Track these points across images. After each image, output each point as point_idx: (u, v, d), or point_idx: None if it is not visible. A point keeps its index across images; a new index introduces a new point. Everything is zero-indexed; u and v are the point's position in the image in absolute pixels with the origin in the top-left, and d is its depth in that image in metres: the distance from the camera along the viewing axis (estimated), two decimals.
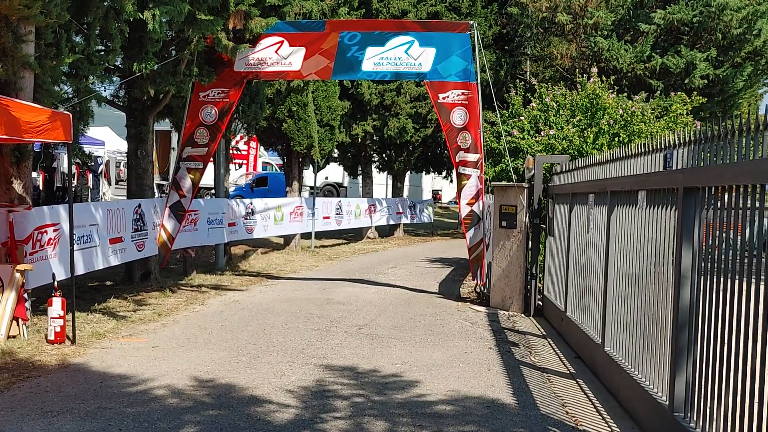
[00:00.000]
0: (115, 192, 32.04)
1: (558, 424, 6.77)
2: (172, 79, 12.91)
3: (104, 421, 6.43)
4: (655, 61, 22.19)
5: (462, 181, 13.84)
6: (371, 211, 27.31)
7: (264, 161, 41.12)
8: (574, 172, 10.71)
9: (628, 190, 7.56)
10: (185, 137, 14.23)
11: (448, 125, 13.76)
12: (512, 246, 13.00)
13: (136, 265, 14.48)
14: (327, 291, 14.72)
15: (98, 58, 11.12)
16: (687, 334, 5.72)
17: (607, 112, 15.03)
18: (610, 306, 8.15)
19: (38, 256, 10.04)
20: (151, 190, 15.24)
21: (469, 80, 13.70)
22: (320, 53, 13.89)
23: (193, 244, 16.23)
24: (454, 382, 8.10)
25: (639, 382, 6.79)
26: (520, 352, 9.84)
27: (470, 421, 6.76)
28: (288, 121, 21.21)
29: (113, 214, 12.57)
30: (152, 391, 7.43)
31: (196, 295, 13.61)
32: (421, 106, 26.41)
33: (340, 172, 41.31)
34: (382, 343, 9.98)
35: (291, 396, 7.40)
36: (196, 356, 8.93)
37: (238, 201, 19.37)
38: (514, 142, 15.42)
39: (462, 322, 11.79)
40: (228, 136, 18.60)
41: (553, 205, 12.10)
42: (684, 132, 6.00)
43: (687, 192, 5.76)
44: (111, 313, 11.34)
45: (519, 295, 13.01)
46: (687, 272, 5.76)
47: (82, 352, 8.94)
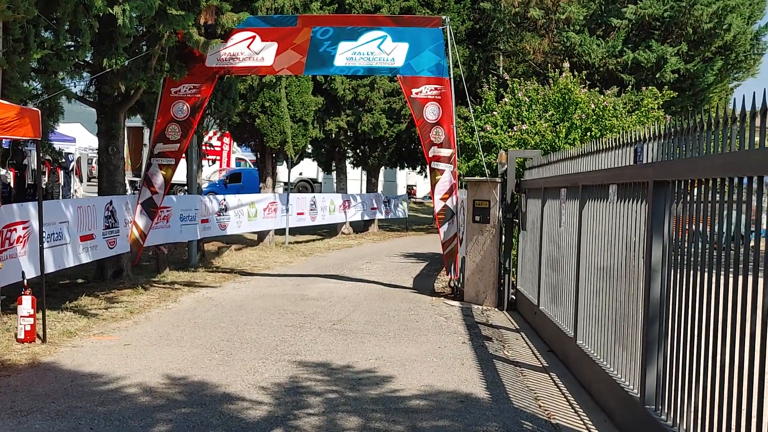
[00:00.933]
0: (87, 189, 31.74)
1: (531, 417, 6.79)
2: (143, 75, 12.80)
3: (75, 420, 6.37)
4: (627, 56, 22.33)
5: (435, 176, 13.86)
6: (346, 207, 27.26)
7: (238, 157, 40.93)
8: (546, 166, 10.76)
9: (599, 185, 7.60)
10: (157, 133, 14.12)
11: (422, 120, 13.77)
12: (486, 241, 13.03)
13: (108, 263, 14.35)
14: (301, 287, 14.69)
15: (68, 54, 10.99)
16: (658, 328, 5.75)
17: (579, 107, 15.12)
18: (582, 300, 8.19)
19: (7, 254, 9.92)
20: (123, 187, 15.11)
21: (441, 75, 13.71)
22: (292, 48, 13.84)
23: (165, 240, 16.10)
24: (427, 377, 8.11)
25: (611, 375, 6.83)
26: (494, 346, 9.87)
27: (444, 416, 6.76)
28: (261, 116, 21.11)
29: (84, 212, 12.44)
30: (124, 389, 7.37)
31: (168, 293, 13.52)
32: (395, 101, 26.38)
33: (314, 167, 41.23)
34: (356, 339, 9.97)
35: (264, 393, 7.37)
36: (169, 354, 8.87)
37: (211, 197, 19.25)
38: (488, 137, 15.45)
39: (436, 317, 11.81)
40: (200, 132, 18.50)
41: (526, 199, 12.14)
42: (654, 126, 6.03)
43: (657, 186, 5.79)
44: (82, 311, 11.24)
45: (492, 289, 13.05)
46: (657, 266, 5.79)
47: (52, 350, 8.85)
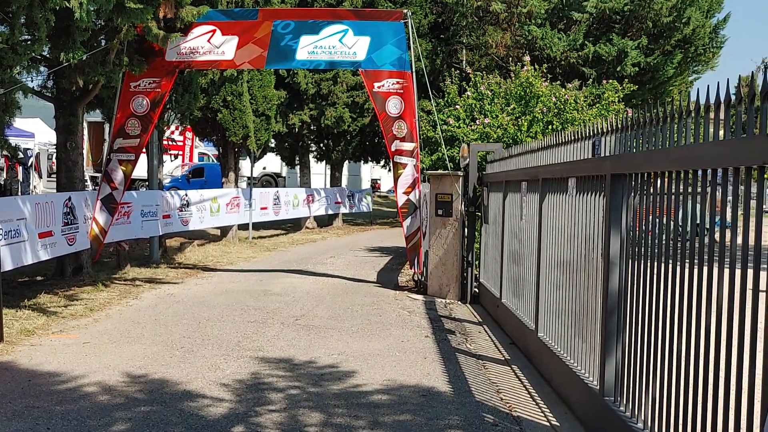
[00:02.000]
0: (47, 185, 31.34)
1: (492, 410, 6.82)
2: (101, 69, 12.64)
3: (32, 420, 6.27)
4: (588, 50, 22.50)
5: (398, 170, 13.85)
6: (309, 201, 27.19)
7: (200, 152, 40.63)
8: (508, 160, 10.79)
9: (558, 178, 7.64)
10: (116, 128, 13.95)
11: (384, 114, 13.75)
12: (449, 234, 13.06)
13: (68, 260, 14.17)
14: (264, 282, 14.62)
15: (23, 48, 10.80)
16: (616, 320, 5.80)
17: (540, 101, 15.19)
18: (543, 292, 8.23)
19: None
20: (82, 183, 14.91)
21: (404, 69, 13.70)
22: (253, 42, 13.74)
23: (126, 237, 15.94)
24: (390, 372, 8.11)
25: (571, 368, 6.87)
26: (457, 339, 9.90)
27: (406, 410, 6.77)
28: (223, 111, 20.98)
29: (42, 208, 12.26)
30: (82, 388, 7.28)
31: (129, 289, 13.38)
32: (358, 95, 26.35)
33: (277, 162, 41.09)
34: (319, 334, 9.94)
35: (225, 390, 7.32)
36: (129, 351, 8.78)
37: (172, 192, 19.08)
38: (450, 131, 15.48)
39: (399, 311, 11.81)
40: (161, 127, 18.32)
41: (488, 193, 12.18)
42: (613, 119, 6.07)
43: (615, 179, 5.83)
44: (41, 309, 11.09)
45: (456, 282, 13.08)
46: (615, 258, 5.83)
47: (9, 349, 8.72)
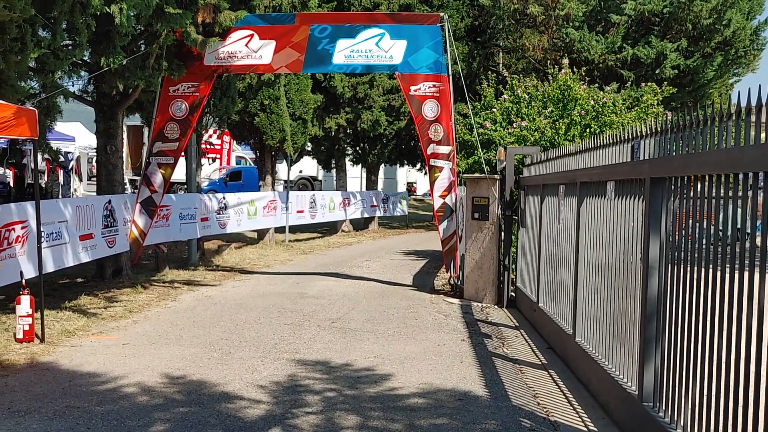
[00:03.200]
0: (87, 188, 31.71)
1: (529, 415, 6.78)
2: (141, 74, 12.78)
3: (72, 420, 6.36)
4: (626, 52, 22.29)
5: (434, 173, 13.83)
6: (345, 205, 27.25)
7: (238, 155, 40.93)
8: (545, 163, 10.74)
9: (597, 181, 7.58)
10: (155, 132, 14.11)
11: (420, 117, 13.74)
12: (485, 238, 13.01)
13: (108, 262, 14.35)
14: (301, 285, 14.68)
15: (65, 53, 10.96)
16: (655, 325, 5.74)
17: (578, 104, 15.09)
18: (580, 297, 8.17)
19: (6, 254, 9.91)
20: (122, 186, 15.09)
21: (440, 72, 13.69)
22: (291, 46, 13.82)
23: (165, 239, 16.10)
24: (426, 375, 8.10)
25: (609, 373, 6.81)
26: (493, 343, 9.86)
27: (442, 414, 6.75)
28: (260, 114, 21.10)
29: (83, 211, 12.44)
30: (122, 389, 7.36)
31: (168, 291, 13.51)
32: (394, 98, 26.35)
33: (314, 165, 41.18)
34: (355, 337, 9.96)
35: (263, 392, 7.36)
36: (167, 353, 8.86)
37: (210, 195, 19.24)
38: (487, 134, 15.43)
39: (435, 315, 11.80)
40: (199, 131, 18.49)
41: (525, 196, 12.13)
42: (651, 122, 6.01)
43: (654, 182, 5.77)
44: (81, 310, 11.23)
45: (492, 286, 13.03)
46: (655, 263, 5.78)
47: (51, 350, 8.84)
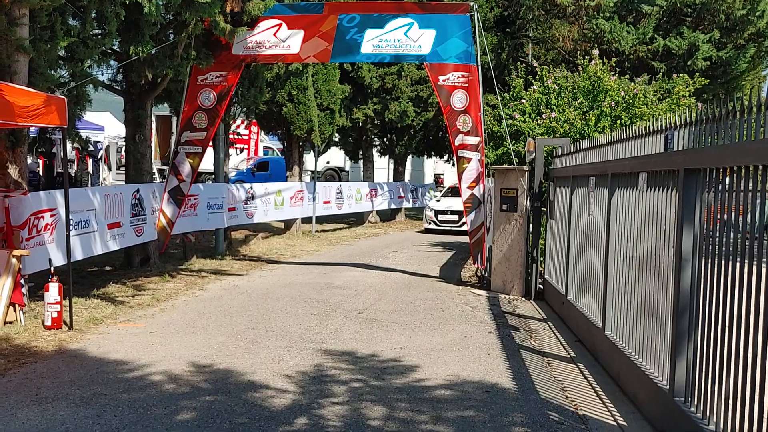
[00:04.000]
0: (116, 177, 31.90)
1: (557, 408, 6.71)
2: (169, 63, 12.81)
3: (99, 408, 6.37)
4: (658, 43, 22.01)
5: (462, 164, 13.74)
6: (372, 196, 27.21)
7: (265, 146, 41.02)
8: (575, 154, 10.62)
9: (628, 173, 7.47)
10: (183, 121, 14.14)
11: (448, 108, 13.65)
12: (513, 230, 12.91)
13: (136, 251, 14.42)
14: (327, 275, 14.66)
15: (94, 42, 11.02)
16: (688, 319, 5.64)
17: (608, 95, 14.93)
18: (610, 289, 8.07)
19: (35, 242, 9.98)
20: (150, 175, 15.15)
21: (469, 62, 13.58)
22: (319, 36, 13.78)
23: (192, 228, 16.16)
24: (453, 367, 8.04)
25: (639, 367, 6.72)
26: (521, 336, 9.78)
27: (469, 406, 6.70)
28: (288, 105, 21.09)
29: (111, 199, 12.50)
30: (149, 376, 7.37)
31: (195, 280, 13.55)
32: (423, 89, 26.24)
33: (341, 156, 41.20)
34: (381, 328, 9.92)
35: (289, 381, 7.34)
36: (194, 341, 8.87)
37: (238, 186, 19.29)
38: (516, 125, 15.31)
39: (462, 306, 11.73)
40: (227, 121, 18.50)
41: (554, 188, 12.01)
42: (685, 113, 5.90)
43: (688, 173, 5.67)
44: (109, 298, 11.28)
45: (520, 278, 12.94)
46: (688, 255, 5.68)
47: (79, 337, 8.88)
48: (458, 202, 22.59)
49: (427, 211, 25.76)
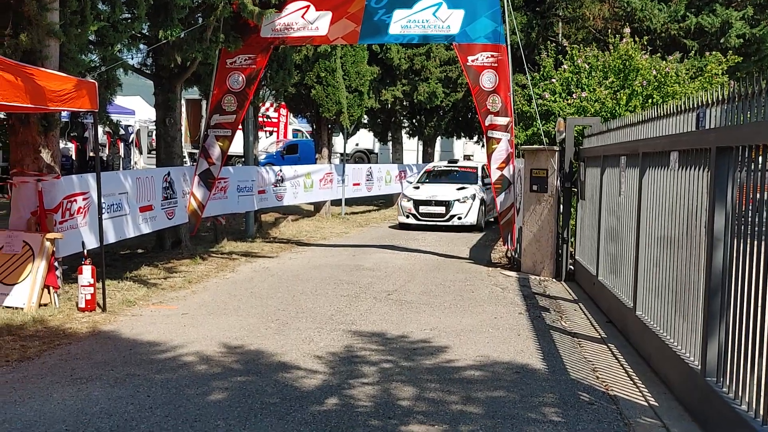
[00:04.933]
0: (147, 161, 32.17)
1: (588, 389, 6.69)
2: (198, 46, 12.86)
3: (133, 388, 6.45)
4: (690, 21, 21.71)
5: (492, 145, 13.66)
6: (402, 177, 27.17)
7: (294, 129, 41.06)
8: (606, 134, 10.53)
9: (660, 152, 7.40)
10: (213, 105, 14.19)
11: (477, 88, 13.56)
12: (543, 210, 12.85)
13: (167, 233, 14.54)
14: (357, 257, 14.70)
15: (124, 26, 11.09)
16: (720, 299, 5.59)
17: (640, 74, 14.78)
18: (642, 270, 8.01)
19: (68, 225, 10.09)
20: (180, 158, 15.24)
21: (498, 42, 13.46)
22: (347, 17, 13.72)
23: (223, 211, 16.26)
24: (483, 348, 8.04)
25: (671, 347, 6.67)
26: (551, 316, 9.75)
27: (499, 387, 6.70)
28: (316, 87, 21.09)
29: (143, 183, 12.59)
30: (181, 357, 7.45)
31: (226, 263, 13.64)
32: (452, 70, 26.12)
33: (370, 138, 41.18)
34: (411, 309, 9.93)
35: (319, 362, 7.38)
36: (226, 323, 8.95)
37: (267, 168, 19.35)
38: (546, 105, 15.21)
39: (492, 287, 11.71)
40: (256, 104, 18.55)
41: (585, 168, 11.92)
42: (717, 91, 5.82)
43: (720, 152, 5.60)
44: (142, 280, 11.40)
45: (550, 259, 12.88)
46: (720, 235, 5.61)
47: (112, 319, 8.99)
48: (444, 190, 20.17)
49: (403, 201, 20.58)
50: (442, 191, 20.07)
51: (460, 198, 19.86)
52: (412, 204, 20.03)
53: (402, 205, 20.46)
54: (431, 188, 20.54)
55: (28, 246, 9.34)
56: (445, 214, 19.70)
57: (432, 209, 19.81)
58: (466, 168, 22.60)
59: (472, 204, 19.84)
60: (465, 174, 21.77)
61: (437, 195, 19.93)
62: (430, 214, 19.82)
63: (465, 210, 19.74)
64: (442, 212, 19.73)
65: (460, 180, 21.17)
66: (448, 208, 19.69)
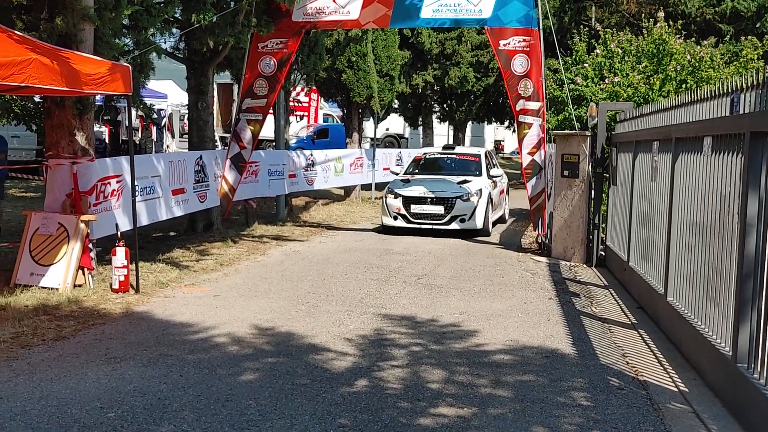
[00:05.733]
0: (179, 145, 32.38)
1: (618, 374, 6.68)
2: (230, 30, 12.91)
3: (166, 368, 6.55)
4: (726, 5, 21.45)
5: (523, 130, 13.60)
6: None
7: (325, 113, 41.10)
8: (638, 119, 10.46)
9: (693, 137, 7.34)
10: (244, 89, 14.26)
11: (509, 73, 13.49)
12: (574, 196, 12.79)
13: (199, 216, 14.67)
14: (386, 242, 14.73)
15: (157, 10, 11.18)
16: (752, 285, 5.55)
17: (674, 58, 14.62)
18: (673, 256, 7.97)
19: (102, 207, 10.22)
20: (212, 142, 15.35)
21: (530, 26, 13.37)
22: (378, 1, 13.70)
23: (254, 195, 16.37)
24: (513, 332, 8.05)
25: (702, 333, 6.64)
26: (581, 302, 9.73)
27: (528, 371, 6.71)
28: (347, 71, 21.11)
29: (175, 166, 12.71)
30: (213, 338, 7.54)
31: (257, 246, 13.74)
32: (483, 54, 26.04)
33: (400, 123, 41.11)
34: (440, 293, 9.96)
35: (349, 344, 7.44)
36: (257, 305, 9.03)
37: (298, 152, 19.44)
38: (578, 90, 15.10)
39: (522, 273, 11.70)
40: (287, 88, 18.62)
41: (617, 153, 11.85)
42: (752, 76, 5.76)
43: (754, 137, 5.55)
44: (174, 262, 11.52)
45: (581, 245, 12.83)
46: (753, 221, 5.57)
47: (145, 300, 9.11)
48: (442, 184, 16.19)
49: (390, 198, 16.16)
50: (440, 186, 16.11)
51: (463, 195, 15.72)
52: (402, 202, 15.89)
53: (388, 203, 16.08)
54: (426, 182, 16.46)
55: (63, 227, 9.48)
56: (445, 215, 15.68)
57: (427, 209, 15.77)
58: (465, 156, 18.28)
59: (478, 202, 15.74)
60: (465, 163, 17.71)
61: (434, 191, 15.92)
62: (425, 215, 15.78)
63: (469, 210, 15.65)
64: (441, 212, 15.70)
65: (459, 171, 17.27)
66: (449, 207, 15.67)
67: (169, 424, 5.29)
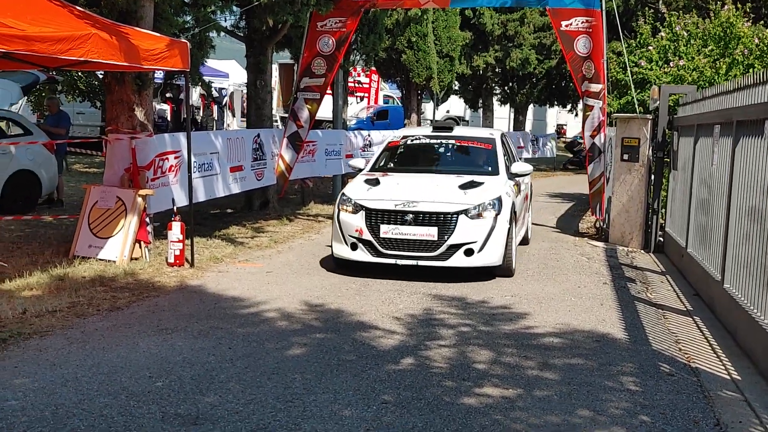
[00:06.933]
0: (240, 124, 32.70)
1: (669, 360, 6.56)
2: (290, 9, 12.93)
3: (215, 340, 6.63)
4: None
5: (586, 112, 13.42)
6: None
7: (385, 95, 41.08)
8: (700, 102, 10.21)
9: (754, 120, 7.13)
10: (303, 68, 14.30)
11: (572, 54, 13.24)
12: (633, 180, 12.56)
13: (256, 194, 14.81)
14: None
15: None
16: None
17: (741, 42, 14.25)
18: (731, 242, 7.78)
19: (159, 182, 10.37)
20: (270, 120, 15.44)
21: (592, 7, 13.12)
22: None
23: (310, 174, 16.44)
24: (564, 316, 7.96)
25: (758, 321, 6.47)
26: (636, 288, 9.57)
27: (578, 354, 6.63)
28: (407, 52, 21.05)
29: (233, 143, 12.82)
30: (263, 313, 7.61)
31: (312, 224, 13.82)
32: (546, 36, 25.74)
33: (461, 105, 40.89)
34: (492, 275, 9.87)
35: (398, 323, 7.43)
36: (308, 282, 9.08)
37: (356, 133, 19.45)
38: (641, 74, 14.82)
39: (578, 257, 11.55)
40: (346, 68, 18.64)
41: (678, 137, 11.60)
42: None
43: None
44: (229, 239, 11.65)
45: (639, 230, 12.61)
46: None
47: (199, 275, 9.23)
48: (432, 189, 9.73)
49: (345, 212, 9.58)
50: (431, 192, 9.67)
51: (469, 208, 9.34)
52: (364, 219, 9.41)
53: (342, 220, 9.59)
54: (404, 184, 10.00)
55: (121, 201, 9.65)
56: (438, 243, 9.23)
57: (408, 232, 9.26)
58: (472, 141, 11.55)
59: (495, 220, 9.40)
60: (471, 154, 11.47)
61: (420, 200, 9.41)
62: (403, 243, 9.30)
63: (481, 234, 9.29)
64: (431, 239, 9.23)
65: (462, 166, 11.05)
66: (445, 229, 9.24)
67: (215, 394, 5.36)
